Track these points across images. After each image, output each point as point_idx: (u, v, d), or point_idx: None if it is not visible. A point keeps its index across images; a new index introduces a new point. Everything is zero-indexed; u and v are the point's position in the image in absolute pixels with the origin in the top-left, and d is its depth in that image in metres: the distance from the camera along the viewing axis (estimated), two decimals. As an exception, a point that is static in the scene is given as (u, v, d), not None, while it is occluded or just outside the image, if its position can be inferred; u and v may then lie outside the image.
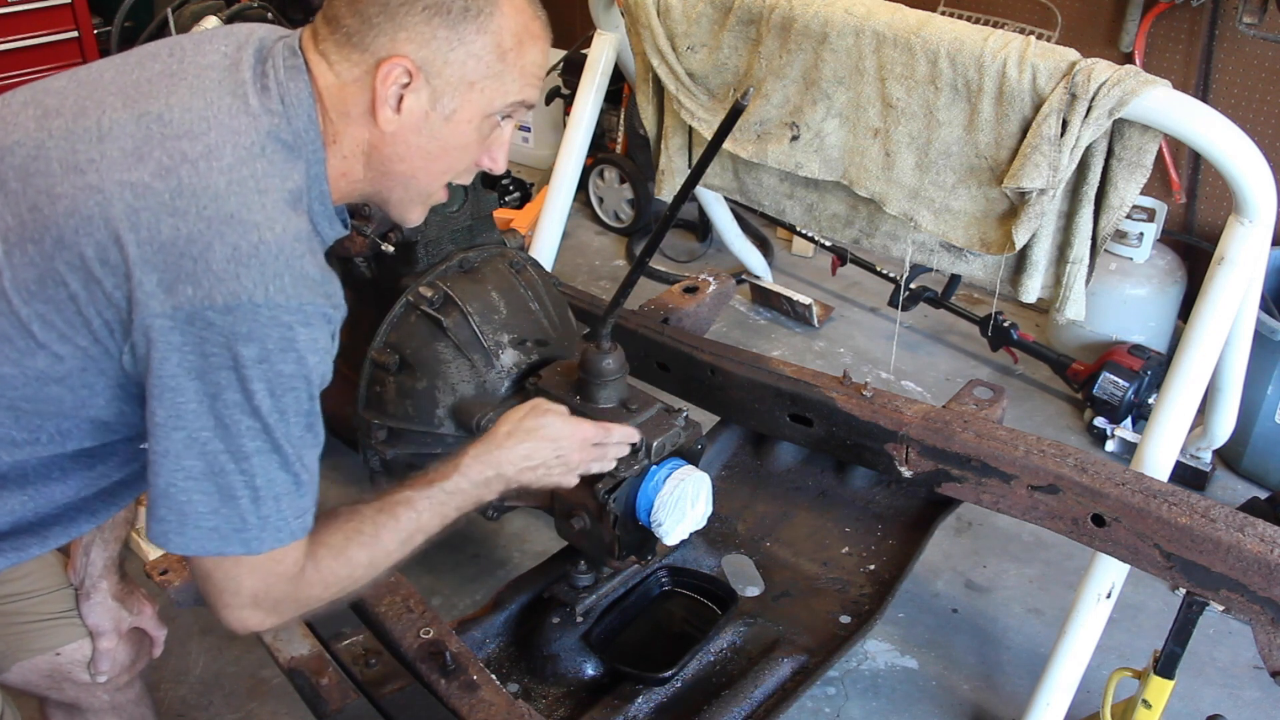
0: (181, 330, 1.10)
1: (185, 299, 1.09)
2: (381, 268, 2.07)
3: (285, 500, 1.19)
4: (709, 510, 1.81)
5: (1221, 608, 1.69)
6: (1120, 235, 3.15)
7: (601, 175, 4.21)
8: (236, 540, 1.17)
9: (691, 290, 2.73)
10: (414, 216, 1.36)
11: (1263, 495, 2.77)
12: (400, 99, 1.21)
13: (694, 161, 2.71)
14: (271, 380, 1.13)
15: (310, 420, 1.19)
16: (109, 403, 1.21)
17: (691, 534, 1.80)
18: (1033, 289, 2.28)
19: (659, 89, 2.69)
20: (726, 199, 3.36)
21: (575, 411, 1.81)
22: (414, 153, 1.26)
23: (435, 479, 1.41)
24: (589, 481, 1.77)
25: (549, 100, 4.26)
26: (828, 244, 3.79)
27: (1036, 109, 2.03)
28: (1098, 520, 1.79)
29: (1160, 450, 1.97)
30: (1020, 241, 2.14)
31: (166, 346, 1.10)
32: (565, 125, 3.01)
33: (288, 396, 1.14)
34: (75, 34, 4.25)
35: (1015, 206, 2.15)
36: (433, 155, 1.27)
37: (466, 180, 1.35)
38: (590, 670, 1.97)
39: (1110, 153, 2.05)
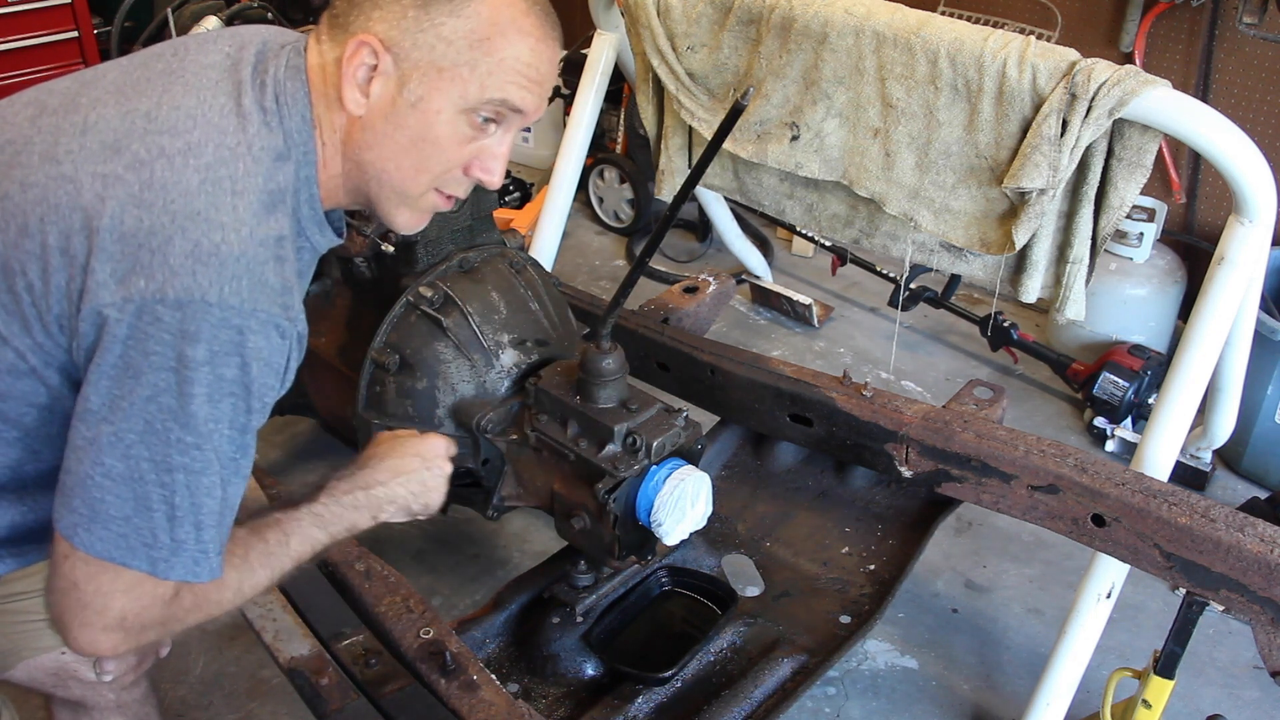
0: (129, 324, 1.06)
1: (137, 290, 1.05)
2: (381, 268, 2.07)
3: (208, 531, 1.11)
4: (709, 510, 1.81)
5: (1221, 608, 1.69)
6: (1120, 235, 3.15)
7: (601, 175, 4.21)
8: (142, 556, 1.09)
9: (691, 290, 2.73)
10: (400, 221, 1.28)
11: (1263, 495, 2.77)
12: (370, 82, 1.17)
13: (694, 161, 2.71)
14: (212, 385, 1.08)
15: (243, 442, 1.13)
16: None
17: (691, 534, 1.81)
18: (1033, 289, 2.28)
19: (659, 89, 2.69)
20: (726, 199, 3.36)
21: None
22: (383, 141, 1.20)
23: (303, 502, 1.33)
24: (589, 481, 1.77)
25: (549, 100, 4.25)
26: (828, 244, 3.78)
27: (1036, 109, 2.03)
28: (1098, 520, 1.79)
29: (1160, 450, 1.97)
30: (1020, 241, 2.14)
31: (110, 339, 1.06)
32: (565, 125, 3.01)
33: (225, 403, 1.09)
34: (75, 34, 4.25)
35: (1015, 206, 2.15)
36: (403, 147, 1.20)
37: (459, 190, 1.28)
38: (590, 670, 1.97)
39: (1110, 153, 2.05)
